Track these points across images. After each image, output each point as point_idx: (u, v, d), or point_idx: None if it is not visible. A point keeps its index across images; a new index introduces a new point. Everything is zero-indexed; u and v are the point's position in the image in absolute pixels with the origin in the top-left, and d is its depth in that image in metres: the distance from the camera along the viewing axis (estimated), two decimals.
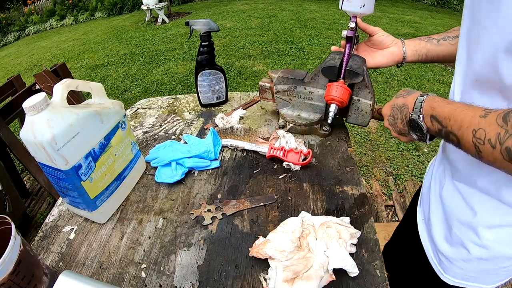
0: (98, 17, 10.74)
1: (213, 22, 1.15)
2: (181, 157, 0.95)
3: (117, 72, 5.26)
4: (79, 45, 7.21)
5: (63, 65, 2.53)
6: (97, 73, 5.34)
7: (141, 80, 4.83)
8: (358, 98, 0.97)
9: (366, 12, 0.89)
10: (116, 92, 4.58)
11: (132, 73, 5.13)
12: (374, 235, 0.75)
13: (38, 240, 0.80)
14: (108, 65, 5.61)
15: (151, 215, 0.83)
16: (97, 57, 6.15)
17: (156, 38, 6.70)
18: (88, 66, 5.74)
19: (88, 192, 0.75)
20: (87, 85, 0.77)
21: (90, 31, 8.55)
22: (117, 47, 6.51)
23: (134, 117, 1.28)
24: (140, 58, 5.74)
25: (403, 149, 3.10)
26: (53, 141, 0.64)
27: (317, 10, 8.10)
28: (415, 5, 10.20)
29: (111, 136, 0.80)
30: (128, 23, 8.69)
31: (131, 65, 5.47)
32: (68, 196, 0.77)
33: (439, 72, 4.80)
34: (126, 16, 10.03)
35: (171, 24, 7.71)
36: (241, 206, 0.83)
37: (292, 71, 1.07)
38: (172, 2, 9.77)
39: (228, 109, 1.28)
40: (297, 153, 0.94)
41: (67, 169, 0.69)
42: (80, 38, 7.97)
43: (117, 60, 5.77)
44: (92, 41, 7.35)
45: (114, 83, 4.88)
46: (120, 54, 6.07)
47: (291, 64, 4.87)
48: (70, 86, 0.71)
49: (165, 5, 8.08)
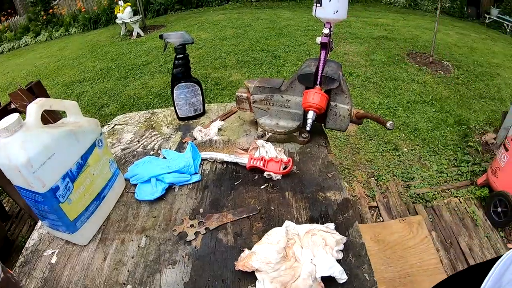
0: (73, 33, 10.60)
1: (187, 34, 1.14)
2: (160, 173, 0.94)
3: (93, 88, 5.19)
4: (54, 62, 7.09)
5: (38, 82, 2.47)
6: (73, 90, 5.26)
7: (118, 95, 4.78)
8: (336, 103, 0.98)
9: (340, 18, 0.90)
10: (93, 108, 4.51)
11: (108, 88, 5.07)
12: (360, 239, 0.75)
13: (20, 265, 0.76)
14: (84, 81, 5.53)
15: (133, 234, 0.81)
16: (73, 73, 6.05)
17: (131, 52, 6.65)
18: (64, 82, 5.65)
19: (67, 214, 0.73)
20: (61, 104, 0.75)
21: (65, 47, 8.43)
22: (93, 63, 6.42)
23: (112, 134, 1.26)
24: (116, 73, 5.68)
25: (383, 150, 3.15)
26: (28, 164, 0.63)
27: (291, 17, 8.20)
28: (388, 8, 10.46)
29: (88, 155, 0.78)
30: (103, 37, 8.60)
31: (107, 80, 5.40)
32: (48, 219, 0.74)
33: (414, 72, 4.92)
34: (101, 30, 9.93)
35: (146, 37, 7.66)
36: (224, 219, 0.82)
37: (268, 79, 1.07)
38: (146, 15, 9.72)
39: (206, 121, 1.27)
40: (278, 162, 0.94)
41: (44, 191, 0.67)
42: (55, 54, 7.84)
43: (93, 76, 5.69)
44: (67, 57, 7.24)
45: (91, 99, 4.81)
46: (96, 69, 6.00)
47: (267, 73, 4.90)
48: (44, 106, 0.69)
49: (140, 19, 8.04)
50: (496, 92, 4.57)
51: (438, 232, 2.32)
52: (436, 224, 2.38)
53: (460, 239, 2.27)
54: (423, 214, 2.43)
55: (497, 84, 4.82)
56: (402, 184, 2.75)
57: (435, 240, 2.23)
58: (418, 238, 2.19)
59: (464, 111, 3.96)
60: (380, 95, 4.23)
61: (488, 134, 3.43)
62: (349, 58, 5.33)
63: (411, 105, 4.01)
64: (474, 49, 6.45)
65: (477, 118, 3.83)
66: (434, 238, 2.25)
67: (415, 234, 2.21)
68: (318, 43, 0.94)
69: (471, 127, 3.62)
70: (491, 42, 7.43)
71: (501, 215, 2.35)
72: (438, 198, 2.61)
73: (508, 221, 2.30)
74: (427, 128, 3.54)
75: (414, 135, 3.42)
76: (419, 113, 3.84)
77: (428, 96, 4.24)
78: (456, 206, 2.54)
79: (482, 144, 3.30)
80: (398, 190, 2.67)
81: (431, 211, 2.50)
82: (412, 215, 2.42)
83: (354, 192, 2.64)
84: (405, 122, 3.64)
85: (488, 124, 3.71)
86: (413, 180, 2.81)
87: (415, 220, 2.31)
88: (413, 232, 2.23)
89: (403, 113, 3.83)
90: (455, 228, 2.35)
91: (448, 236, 2.29)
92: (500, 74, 5.25)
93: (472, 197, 2.63)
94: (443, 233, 2.32)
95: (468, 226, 2.37)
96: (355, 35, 6.61)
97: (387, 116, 3.75)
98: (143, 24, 8.40)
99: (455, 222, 2.40)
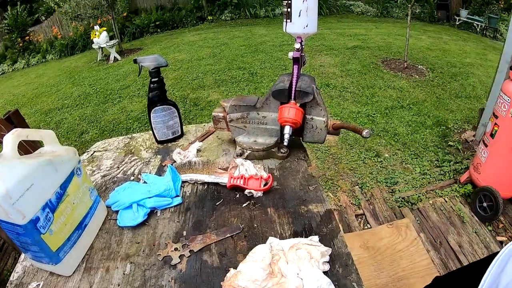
0: (50, 59, 10.51)
1: (161, 57, 1.15)
2: (141, 198, 0.93)
3: (72, 114, 5.14)
4: (32, 89, 7.00)
5: (16, 111, 2.43)
6: (52, 117, 5.19)
7: (98, 121, 4.74)
8: (312, 116, 0.99)
9: (310, 32, 0.92)
10: (73, 135, 4.46)
11: (87, 114, 5.03)
12: (346, 249, 0.75)
13: None
14: (63, 108, 5.47)
15: (118, 261, 0.80)
16: (51, 100, 5.98)
17: (109, 77, 6.62)
18: (42, 110, 5.57)
19: (50, 245, 0.72)
20: (38, 134, 0.75)
21: (42, 74, 8.34)
22: (71, 89, 6.36)
23: (91, 161, 1.24)
24: (94, 98, 5.64)
25: (365, 157, 3.18)
26: (7, 196, 0.62)
27: (266, 34, 8.32)
28: (360, 18, 10.72)
29: (67, 184, 0.77)
30: (80, 63, 8.55)
31: (86, 106, 5.36)
32: (30, 251, 0.73)
33: (390, 79, 5.02)
34: (78, 56, 9.88)
35: (123, 61, 7.65)
36: (208, 240, 0.82)
37: (244, 98, 1.08)
38: (122, 39, 9.72)
39: (184, 143, 1.27)
40: (258, 179, 0.94)
41: (24, 223, 0.66)
42: (32, 82, 7.74)
43: (72, 102, 5.64)
44: (45, 84, 7.16)
45: (70, 126, 4.76)
46: (74, 95, 5.94)
47: (245, 90, 4.94)
48: (20, 136, 0.68)
49: (116, 43, 8.04)
50: (471, 91, 4.70)
51: (426, 233, 2.34)
52: (424, 226, 2.41)
53: (449, 237, 2.30)
54: (410, 217, 2.45)
55: (471, 83, 4.97)
56: (386, 190, 2.78)
57: (424, 241, 2.25)
58: (408, 241, 2.20)
59: (441, 112, 4.05)
60: (358, 103, 4.29)
61: (467, 132, 3.51)
62: (325, 69, 5.43)
63: (389, 111, 4.08)
64: (447, 51, 6.65)
65: (455, 117, 3.93)
66: (423, 239, 2.27)
67: (404, 237, 2.23)
68: (291, 58, 0.96)
69: (450, 127, 3.71)
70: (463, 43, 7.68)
71: (487, 210, 2.40)
72: (423, 200, 2.65)
73: (494, 215, 2.35)
74: (407, 132, 3.61)
75: (395, 140, 3.47)
76: (398, 118, 3.91)
77: (405, 101, 4.32)
78: (442, 205, 2.57)
79: (462, 143, 3.37)
80: (383, 196, 2.70)
81: (418, 213, 2.52)
82: (399, 219, 2.44)
83: (339, 202, 2.65)
84: (385, 128, 3.70)
85: (466, 122, 3.81)
86: (397, 185, 2.84)
87: (403, 224, 2.33)
88: (402, 235, 2.24)
89: (382, 119, 3.90)
90: (443, 227, 2.38)
91: (437, 236, 2.32)
92: (473, 72, 5.41)
93: (457, 195, 2.67)
94: (431, 234, 2.34)
95: (456, 224, 2.40)
96: (329, 46, 6.73)
97: (367, 124, 3.81)
98: (120, 48, 8.40)
99: (442, 222, 2.43)
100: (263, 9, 11.21)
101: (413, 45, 6.52)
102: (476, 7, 10.98)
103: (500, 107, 2.26)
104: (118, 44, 8.21)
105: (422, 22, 10.70)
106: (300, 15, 0.88)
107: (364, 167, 3.07)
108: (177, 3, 11.56)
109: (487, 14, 10.16)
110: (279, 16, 10.85)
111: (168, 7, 11.59)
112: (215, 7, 11.17)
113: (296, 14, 0.88)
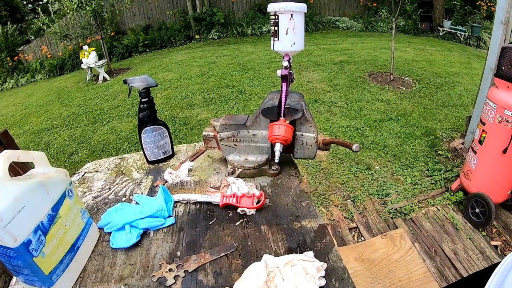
0: (39, 79, 10.50)
1: (151, 77, 1.15)
2: (134, 219, 0.92)
3: (61, 135, 5.10)
4: (21, 110, 6.95)
5: (5, 132, 2.41)
6: (41, 138, 5.14)
7: (87, 142, 4.70)
8: (301, 133, 1.00)
9: (297, 50, 0.94)
10: (63, 156, 4.41)
11: (77, 135, 4.99)
12: (341, 263, 0.76)
13: None
14: (52, 129, 5.42)
15: (112, 284, 0.78)
16: (40, 121, 5.93)
17: (98, 97, 6.61)
18: (31, 131, 5.52)
19: (42, 268, 0.71)
20: (28, 155, 0.74)
21: (31, 94, 8.31)
22: (60, 109, 6.33)
23: (82, 183, 1.23)
24: (84, 118, 5.61)
25: (355, 171, 3.20)
26: None
27: (253, 51, 8.41)
28: (346, 34, 10.90)
29: (58, 206, 0.77)
30: (69, 83, 8.53)
31: (75, 127, 5.32)
32: (22, 274, 0.72)
33: (377, 92, 5.09)
34: (67, 76, 9.87)
35: (112, 81, 7.65)
36: (202, 260, 0.81)
37: (233, 116, 1.09)
38: (111, 59, 9.74)
39: (175, 163, 1.27)
40: (250, 197, 0.94)
41: (16, 246, 0.65)
42: (21, 102, 7.69)
43: (61, 123, 5.59)
44: (34, 105, 7.11)
45: (59, 147, 4.71)
46: (63, 116, 5.90)
47: (234, 108, 4.96)
48: (10, 158, 0.68)
49: (105, 63, 8.06)
50: (458, 99, 4.79)
51: (421, 243, 2.35)
52: (418, 235, 2.42)
53: (443, 245, 2.31)
54: (404, 228, 2.46)
55: (458, 92, 5.06)
56: (378, 202, 2.79)
57: (419, 251, 2.25)
58: (403, 251, 2.20)
59: (429, 122, 4.11)
60: (347, 118, 4.34)
61: (456, 140, 3.56)
62: (313, 85, 5.49)
63: (378, 124, 4.12)
64: (432, 62, 6.78)
65: (443, 126, 3.98)
66: (418, 249, 2.28)
67: (399, 247, 2.23)
68: (279, 76, 0.97)
69: (438, 136, 3.75)
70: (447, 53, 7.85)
71: (480, 216, 2.42)
72: (416, 210, 2.66)
73: (487, 220, 2.37)
74: (396, 144, 3.64)
75: (384, 152, 3.50)
76: (387, 130, 3.95)
77: (393, 113, 4.38)
78: (435, 214, 2.59)
79: (451, 151, 3.42)
80: (376, 208, 2.71)
81: (411, 223, 2.53)
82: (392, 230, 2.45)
83: (332, 216, 2.65)
84: (374, 140, 3.73)
85: (454, 130, 3.86)
86: (389, 196, 2.86)
87: (397, 234, 2.33)
88: (397, 245, 2.24)
89: (371, 132, 3.93)
90: (437, 236, 2.39)
91: (431, 245, 2.33)
92: (459, 81, 5.52)
93: (449, 203, 2.69)
94: (426, 243, 2.35)
95: (450, 232, 2.42)
96: (316, 62, 6.82)
97: (356, 137, 3.84)
98: (109, 68, 8.42)
99: (436, 230, 2.44)
100: (250, 27, 11.35)
101: (399, 57, 6.64)
102: (459, 17, 11.30)
103: (487, 113, 2.31)
104: (107, 64, 8.23)
105: (407, 34, 10.94)
106: (287, 33, 0.90)
107: (355, 180, 3.08)
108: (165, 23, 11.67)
109: (470, 24, 10.46)
110: (266, 33, 10.99)
111: (156, 26, 11.68)
112: (202, 27, 11.28)
113: (284, 32, 0.90)
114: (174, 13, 11.51)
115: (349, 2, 12.35)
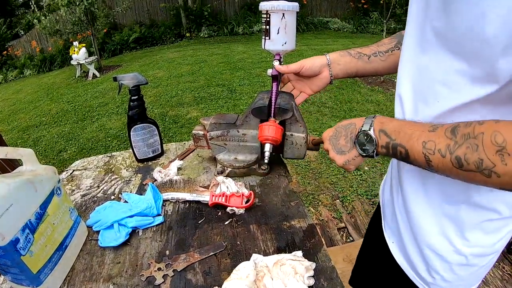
0: (28, 75, 10.35)
1: (141, 75, 1.15)
2: (122, 217, 0.92)
3: (50, 132, 5.03)
4: (9, 106, 6.85)
5: None
6: (30, 135, 5.08)
7: (76, 139, 4.65)
8: (291, 133, 1.01)
9: (288, 49, 0.94)
10: (51, 153, 4.36)
11: (66, 132, 4.94)
12: (330, 263, 0.76)
13: None
14: (41, 125, 5.36)
15: (100, 283, 0.78)
16: (29, 117, 5.85)
17: (88, 94, 6.54)
18: (20, 127, 5.44)
19: (30, 267, 0.70)
20: (16, 152, 0.73)
21: (20, 90, 8.17)
22: (49, 106, 6.24)
23: (70, 180, 1.22)
24: (73, 115, 5.54)
25: (344, 171, 3.21)
26: None
27: (244, 51, 8.39)
28: (337, 35, 10.93)
29: (47, 204, 0.76)
30: (58, 79, 8.41)
31: (64, 124, 5.26)
32: (10, 273, 0.71)
33: (367, 93, 5.11)
34: (56, 72, 9.73)
35: (102, 78, 7.57)
36: (191, 259, 0.81)
37: (224, 115, 1.09)
38: (102, 56, 9.64)
39: (165, 162, 1.27)
40: (239, 197, 0.95)
41: (4, 244, 0.64)
42: (10, 98, 7.57)
43: (50, 120, 5.53)
44: (22, 101, 7.01)
45: (48, 144, 4.65)
46: (52, 112, 5.83)
47: (224, 107, 4.95)
48: None
49: (95, 59, 7.97)
50: None
51: None
52: None
53: None
54: None
55: None
56: (367, 202, 2.81)
57: None
58: None
59: None
60: (336, 118, 4.36)
61: None
62: None
63: None
64: None
65: None
66: None
67: None
68: (270, 76, 0.97)
69: None
70: None
71: None
72: None
73: None
74: None
75: None
76: None
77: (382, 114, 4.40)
78: None
79: None
80: (364, 208, 2.73)
81: None
82: None
83: (321, 216, 2.66)
84: None
85: None
86: (378, 197, 2.88)
87: None
88: None
89: None
90: None
91: None
92: None
93: None
94: None
95: None
96: None
97: None
98: (99, 64, 8.32)
99: None
100: (241, 26, 11.34)
101: None
102: None
103: None
104: (97, 61, 8.14)
105: None
106: (278, 32, 0.90)
107: (344, 181, 3.10)
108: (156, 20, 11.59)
109: None
110: (257, 33, 10.98)
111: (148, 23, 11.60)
112: (193, 24, 11.24)
113: (275, 31, 0.90)
114: (166, 8, 11.38)
115: (341, 4, 12.40)
